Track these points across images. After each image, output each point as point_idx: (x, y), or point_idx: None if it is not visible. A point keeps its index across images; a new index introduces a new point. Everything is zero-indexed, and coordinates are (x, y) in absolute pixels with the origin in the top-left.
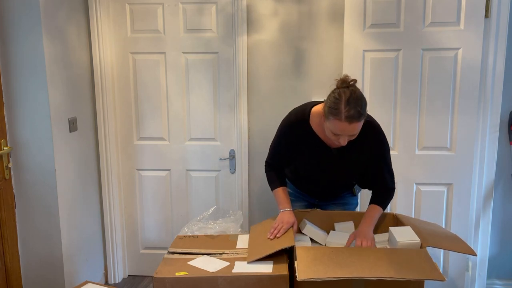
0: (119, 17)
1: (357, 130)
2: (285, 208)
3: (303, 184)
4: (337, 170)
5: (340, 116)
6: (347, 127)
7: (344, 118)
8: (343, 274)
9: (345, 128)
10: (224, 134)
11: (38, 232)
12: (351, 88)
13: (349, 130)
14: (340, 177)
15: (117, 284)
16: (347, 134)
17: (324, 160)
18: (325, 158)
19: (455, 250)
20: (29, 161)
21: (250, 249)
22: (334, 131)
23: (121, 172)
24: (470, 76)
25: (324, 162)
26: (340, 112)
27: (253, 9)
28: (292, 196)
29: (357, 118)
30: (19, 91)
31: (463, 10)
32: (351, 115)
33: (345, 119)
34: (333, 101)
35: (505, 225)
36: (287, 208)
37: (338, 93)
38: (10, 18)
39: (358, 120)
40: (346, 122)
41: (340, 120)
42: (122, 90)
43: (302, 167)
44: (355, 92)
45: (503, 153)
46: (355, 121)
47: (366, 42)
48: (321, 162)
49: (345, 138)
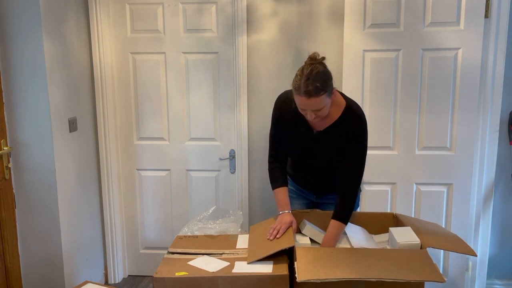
0: (119, 17)
1: (319, 105)
2: (284, 210)
3: (298, 172)
4: (319, 151)
5: (300, 91)
6: (307, 101)
7: (303, 93)
8: (343, 275)
9: (306, 103)
10: (224, 134)
11: (38, 232)
12: (314, 65)
13: (309, 104)
14: (324, 160)
15: (117, 284)
16: (309, 109)
17: (306, 140)
18: (307, 138)
19: (455, 250)
20: (29, 161)
21: (250, 250)
22: (298, 106)
23: (121, 172)
24: (470, 76)
25: (306, 142)
26: (300, 88)
27: (253, 9)
28: (292, 193)
29: (315, 93)
30: (19, 91)
31: (463, 10)
32: (309, 90)
33: (304, 94)
34: (295, 77)
35: (505, 225)
36: (286, 210)
37: (301, 69)
38: (10, 18)
39: (316, 95)
40: (305, 97)
41: (300, 95)
42: (122, 90)
43: (292, 148)
44: (317, 68)
45: (503, 153)
46: (313, 96)
47: (366, 42)
48: (304, 141)
49: (311, 113)
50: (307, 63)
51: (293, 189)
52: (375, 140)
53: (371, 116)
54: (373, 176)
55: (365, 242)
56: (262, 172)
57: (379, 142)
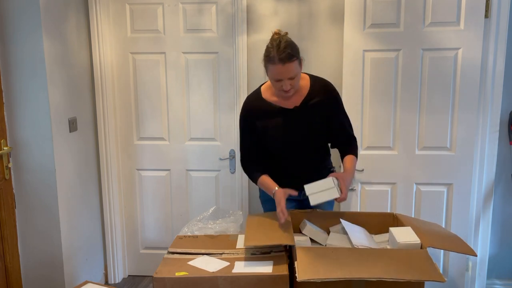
0: (119, 17)
1: (293, 71)
2: (275, 188)
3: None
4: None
5: (274, 60)
6: (282, 68)
7: (277, 61)
8: (343, 274)
9: (281, 71)
10: (224, 134)
11: (38, 232)
12: (281, 36)
13: (285, 72)
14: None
15: (117, 284)
16: (286, 77)
17: (289, 123)
18: (289, 120)
19: (455, 250)
20: (29, 161)
21: (248, 235)
22: (274, 77)
23: (121, 172)
24: (470, 76)
25: (290, 125)
26: (274, 57)
27: (253, 9)
28: None
29: (289, 59)
30: (19, 91)
31: (463, 10)
32: (283, 57)
33: (279, 61)
34: (267, 50)
35: (505, 225)
36: (276, 187)
37: (270, 43)
38: (10, 18)
39: (290, 60)
40: (280, 64)
41: (275, 64)
42: (122, 90)
43: (274, 143)
44: (284, 38)
45: (503, 153)
46: (287, 62)
47: (366, 42)
48: (287, 126)
49: (287, 83)
50: (274, 37)
51: None
52: (375, 140)
53: (371, 116)
54: (373, 176)
55: (365, 242)
56: None
57: (379, 142)
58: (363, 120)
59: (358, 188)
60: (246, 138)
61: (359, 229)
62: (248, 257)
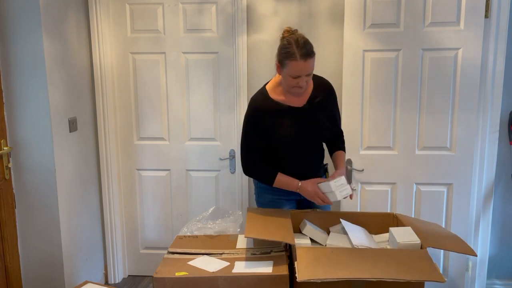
0: (119, 17)
1: (312, 67)
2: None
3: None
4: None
5: (295, 56)
6: (303, 65)
7: (299, 57)
8: (343, 275)
9: (302, 67)
10: (224, 134)
11: (38, 232)
12: (296, 34)
13: (305, 68)
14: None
15: (117, 284)
16: (304, 73)
17: (299, 121)
18: (299, 119)
19: (455, 250)
20: (29, 161)
21: (248, 227)
22: (293, 73)
23: (121, 172)
24: (470, 76)
25: (299, 124)
26: (294, 53)
27: (253, 9)
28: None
29: (310, 55)
30: (19, 91)
31: (463, 10)
32: (304, 53)
33: (301, 57)
34: (285, 47)
35: (505, 225)
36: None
37: (287, 40)
38: (10, 18)
39: (311, 56)
40: (302, 60)
41: (297, 60)
42: (122, 90)
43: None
44: (301, 35)
45: (503, 153)
46: (309, 58)
47: (366, 42)
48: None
49: (303, 79)
50: (287, 35)
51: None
52: (375, 140)
53: (371, 116)
54: (373, 176)
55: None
56: None
57: (379, 142)
58: (363, 120)
59: (358, 188)
60: (253, 140)
61: (359, 229)
62: (248, 257)
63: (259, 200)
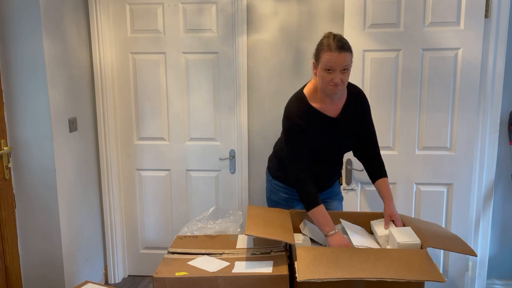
0: (119, 17)
1: (347, 62)
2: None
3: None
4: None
5: (331, 47)
6: (338, 56)
7: (335, 48)
8: (343, 275)
9: (337, 59)
10: (224, 134)
11: (38, 232)
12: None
13: (340, 60)
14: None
15: (117, 284)
16: (339, 67)
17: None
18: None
19: (455, 250)
20: (29, 161)
21: (249, 225)
22: (327, 65)
23: (121, 172)
24: (470, 76)
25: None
26: (330, 45)
27: (253, 9)
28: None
29: (346, 48)
30: (19, 91)
31: (463, 10)
32: (340, 45)
33: (336, 49)
34: (321, 42)
35: (505, 225)
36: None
37: (324, 35)
38: (10, 18)
39: (347, 50)
40: (337, 52)
41: (331, 51)
42: (122, 90)
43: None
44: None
45: (503, 153)
46: (344, 50)
47: (366, 42)
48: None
49: (338, 75)
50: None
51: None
52: None
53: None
54: None
55: (365, 242)
56: (262, 172)
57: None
58: None
59: (358, 188)
60: (301, 146)
61: (359, 229)
62: (248, 257)
63: (271, 198)
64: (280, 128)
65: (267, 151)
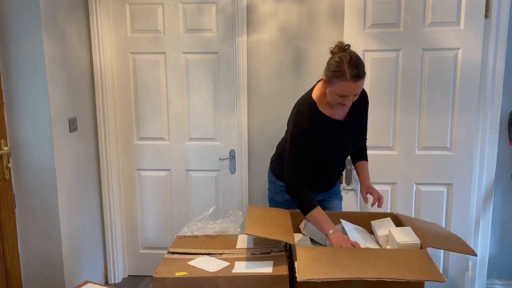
0: (119, 17)
1: (361, 88)
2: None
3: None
4: (351, 139)
5: (345, 77)
6: (353, 86)
7: (349, 78)
8: (343, 275)
9: (351, 88)
10: (224, 134)
11: (38, 232)
12: (349, 51)
13: (354, 89)
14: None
15: (117, 284)
16: (352, 94)
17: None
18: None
19: (455, 250)
20: (29, 161)
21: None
22: (341, 93)
23: (121, 172)
24: (470, 76)
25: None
26: (345, 73)
27: (253, 9)
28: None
29: (361, 76)
30: (19, 91)
31: (463, 10)
32: (355, 74)
33: (351, 78)
34: (336, 65)
35: (505, 225)
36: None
37: (339, 57)
38: (10, 18)
39: (362, 78)
40: (352, 81)
41: (346, 81)
42: (122, 90)
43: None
44: (354, 54)
45: (503, 153)
46: (359, 79)
47: (366, 42)
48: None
49: (350, 99)
50: (339, 51)
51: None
52: (375, 140)
53: (371, 116)
54: (373, 176)
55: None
56: (262, 172)
57: (379, 142)
58: None
59: (358, 188)
60: (305, 155)
61: (359, 229)
62: (248, 257)
63: (275, 199)
64: (280, 128)
65: (267, 151)
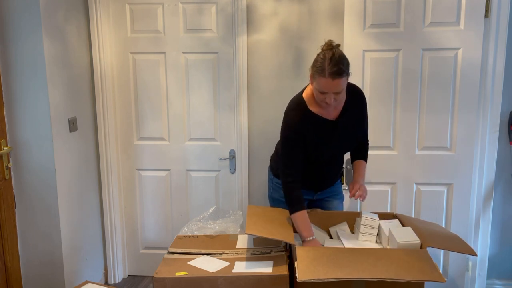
0: (119, 17)
1: (341, 87)
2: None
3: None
4: (344, 138)
5: (324, 73)
6: (331, 83)
7: (328, 74)
8: (343, 275)
9: (330, 85)
10: (224, 134)
11: (38, 232)
12: (334, 50)
13: (333, 86)
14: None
15: (117, 284)
16: (332, 91)
17: (332, 134)
18: (333, 131)
19: (455, 250)
20: (29, 161)
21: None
22: (321, 89)
23: (121, 172)
24: (470, 76)
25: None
26: (324, 70)
27: (253, 9)
28: None
29: (339, 74)
30: (19, 91)
31: (463, 10)
32: (334, 71)
33: (329, 75)
34: (318, 61)
35: (505, 225)
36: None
37: (323, 54)
38: (10, 18)
39: (340, 76)
40: (330, 78)
41: (325, 77)
42: (122, 90)
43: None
44: (338, 52)
45: (503, 153)
46: (337, 77)
47: (366, 42)
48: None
49: (331, 96)
50: (326, 48)
51: None
52: (375, 140)
53: (371, 116)
54: (373, 176)
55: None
56: (262, 172)
57: (379, 142)
58: None
59: None
60: (296, 153)
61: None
62: (248, 257)
63: (272, 196)
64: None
65: (267, 151)
